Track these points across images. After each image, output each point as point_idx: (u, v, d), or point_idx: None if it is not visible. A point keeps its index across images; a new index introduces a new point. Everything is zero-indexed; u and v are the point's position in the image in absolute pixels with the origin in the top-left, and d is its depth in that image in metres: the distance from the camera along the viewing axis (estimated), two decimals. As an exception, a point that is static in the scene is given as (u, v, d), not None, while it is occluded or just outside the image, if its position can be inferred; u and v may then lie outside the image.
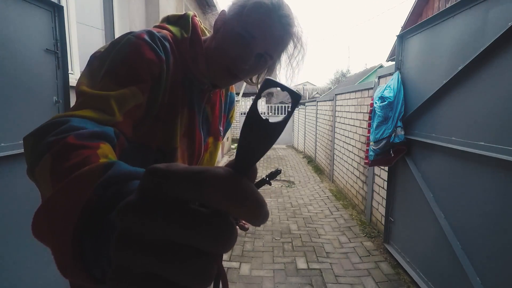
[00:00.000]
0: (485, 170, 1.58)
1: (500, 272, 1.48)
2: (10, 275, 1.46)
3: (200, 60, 0.67)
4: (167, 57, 0.61)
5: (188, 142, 0.72)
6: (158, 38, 0.61)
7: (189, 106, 0.70)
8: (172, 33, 0.66)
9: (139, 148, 0.63)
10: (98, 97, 0.48)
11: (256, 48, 0.63)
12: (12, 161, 1.46)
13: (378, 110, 2.43)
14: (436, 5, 6.17)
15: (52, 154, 0.37)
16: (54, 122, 0.42)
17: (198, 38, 0.67)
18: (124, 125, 0.51)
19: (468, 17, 1.72)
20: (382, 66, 12.30)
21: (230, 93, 0.88)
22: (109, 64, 0.54)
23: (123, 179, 0.30)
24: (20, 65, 1.50)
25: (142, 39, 0.58)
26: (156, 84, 0.60)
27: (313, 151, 7.65)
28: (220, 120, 0.83)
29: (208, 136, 0.79)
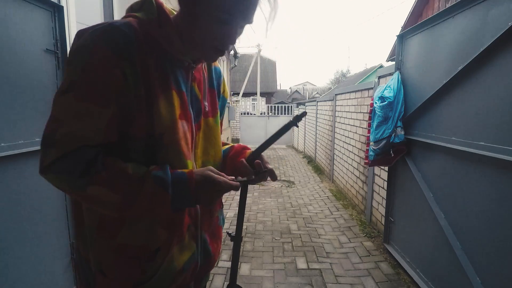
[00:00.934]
0: (485, 170, 1.58)
1: (500, 272, 1.48)
2: (12, 273, 1.46)
3: (174, 39, 0.67)
4: (130, 48, 0.61)
5: (186, 125, 0.71)
6: (116, 31, 0.60)
7: (176, 87, 0.69)
8: (138, 17, 0.66)
9: (132, 139, 0.65)
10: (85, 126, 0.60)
11: (238, 24, 0.65)
12: (12, 161, 1.46)
13: (378, 110, 2.43)
14: (436, 5, 6.17)
15: (104, 186, 0.60)
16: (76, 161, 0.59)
17: (166, 17, 0.66)
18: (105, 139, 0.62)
19: (468, 17, 1.72)
20: (382, 66, 12.30)
21: (214, 67, 0.86)
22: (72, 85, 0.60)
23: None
24: (20, 65, 1.50)
25: (97, 41, 0.59)
26: (128, 83, 0.62)
27: (313, 151, 7.65)
28: (205, 95, 0.80)
29: (200, 115, 0.77)
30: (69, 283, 1.87)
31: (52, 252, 1.74)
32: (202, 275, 0.84)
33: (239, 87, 15.33)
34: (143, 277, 0.69)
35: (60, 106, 0.60)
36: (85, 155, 0.59)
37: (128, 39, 0.61)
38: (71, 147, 0.58)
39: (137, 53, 0.62)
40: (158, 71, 0.66)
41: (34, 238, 1.60)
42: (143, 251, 0.68)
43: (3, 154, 1.39)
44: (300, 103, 12.45)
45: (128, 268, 0.68)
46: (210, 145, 0.80)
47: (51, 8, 1.68)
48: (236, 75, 19.73)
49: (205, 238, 0.80)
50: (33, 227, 1.59)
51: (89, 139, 0.60)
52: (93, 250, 0.69)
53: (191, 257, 0.75)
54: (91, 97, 0.59)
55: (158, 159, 0.66)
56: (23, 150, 1.49)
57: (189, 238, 0.75)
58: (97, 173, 0.59)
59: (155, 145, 0.66)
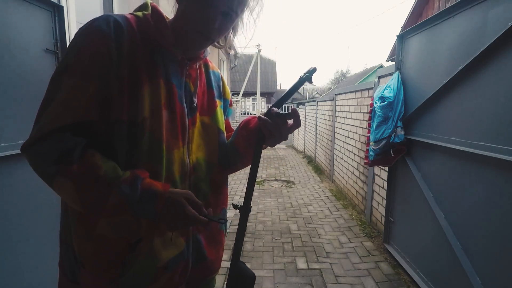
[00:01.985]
0: (485, 170, 1.58)
1: (500, 272, 1.48)
2: (11, 273, 1.46)
3: (166, 33, 0.71)
4: (120, 34, 0.65)
5: (170, 115, 0.71)
6: (110, 19, 0.65)
7: (164, 78, 0.71)
8: (134, 15, 0.72)
9: (114, 124, 0.65)
10: (59, 104, 0.62)
11: (220, 6, 0.66)
12: (12, 161, 1.46)
13: (378, 110, 2.43)
14: (436, 5, 6.17)
15: (71, 179, 0.60)
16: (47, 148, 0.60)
17: (159, 13, 0.72)
18: (87, 115, 0.62)
19: (468, 17, 1.72)
20: (382, 66, 12.30)
21: (213, 71, 0.88)
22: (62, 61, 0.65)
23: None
24: (20, 65, 1.50)
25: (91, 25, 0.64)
26: (112, 61, 0.64)
27: (313, 151, 7.65)
28: (203, 95, 0.82)
29: (195, 111, 0.78)
30: (69, 283, 1.87)
31: (52, 252, 1.74)
32: (198, 281, 0.81)
33: (239, 87, 15.33)
34: (123, 270, 0.67)
35: (52, 86, 0.64)
36: (63, 143, 0.60)
37: (119, 26, 0.66)
38: (53, 125, 0.60)
39: (126, 39, 0.66)
40: (147, 61, 0.68)
41: (34, 238, 1.60)
42: (123, 243, 0.66)
43: (3, 154, 1.39)
44: (300, 103, 12.44)
45: (107, 260, 0.66)
46: (205, 143, 0.80)
47: (51, 8, 1.68)
48: (236, 75, 19.73)
49: (199, 239, 0.77)
50: (33, 227, 1.59)
51: (70, 116, 0.61)
52: (74, 240, 0.68)
53: (178, 255, 0.72)
54: (80, 74, 0.62)
55: (137, 146, 0.66)
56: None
57: (176, 234, 0.72)
58: (69, 164, 0.59)
59: (137, 131, 0.65)
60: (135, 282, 0.68)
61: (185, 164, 0.74)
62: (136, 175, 0.63)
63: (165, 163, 0.69)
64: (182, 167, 0.73)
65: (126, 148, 0.66)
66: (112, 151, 0.65)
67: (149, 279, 0.69)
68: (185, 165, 0.74)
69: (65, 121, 0.60)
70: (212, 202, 0.80)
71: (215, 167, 0.82)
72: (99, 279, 0.68)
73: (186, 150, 0.74)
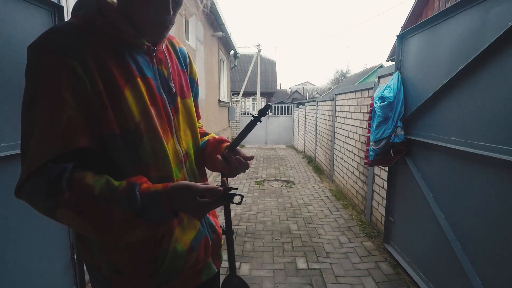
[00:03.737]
0: (485, 170, 1.58)
1: (500, 272, 1.48)
2: (12, 273, 1.46)
3: (121, 24, 0.65)
4: (76, 46, 0.59)
5: (156, 110, 0.69)
6: (58, 33, 0.61)
7: (140, 74, 0.67)
8: (79, 16, 0.65)
9: (108, 138, 0.63)
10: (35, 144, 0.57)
11: None
12: (12, 161, 1.46)
13: (378, 110, 2.43)
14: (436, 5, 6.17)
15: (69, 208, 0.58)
16: (32, 188, 0.58)
17: (107, 5, 0.65)
18: (70, 144, 0.58)
19: (468, 17, 1.72)
20: (382, 66, 12.30)
21: (179, 48, 0.85)
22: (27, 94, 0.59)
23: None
24: (20, 65, 1.50)
25: (41, 48, 0.59)
26: (80, 79, 0.59)
27: (313, 151, 7.65)
28: (180, 77, 0.80)
29: (175, 96, 0.76)
30: (69, 283, 1.87)
31: (52, 252, 1.74)
32: (217, 248, 0.87)
33: (239, 87, 15.33)
34: (157, 264, 0.70)
35: (25, 122, 0.59)
36: (49, 173, 0.56)
37: (71, 38, 0.60)
38: (36, 164, 0.56)
39: (86, 49, 0.60)
40: (117, 62, 0.64)
41: (34, 238, 1.60)
42: (151, 241, 0.69)
43: (3, 154, 1.39)
44: (300, 103, 12.44)
45: (143, 261, 0.70)
46: (189, 126, 0.80)
47: (51, 8, 1.68)
48: (236, 75, 19.72)
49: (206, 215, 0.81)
50: (33, 227, 1.59)
51: (52, 150, 0.57)
52: (105, 255, 0.70)
53: (197, 234, 0.77)
54: (49, 105, 0.57)
55: (139, 151, 0.65)
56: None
57: (189, 218, 0.76)
58: (60, 194, 0.56)
59: (133, 138, 0.64)
60: (171, 270, 0.72)
61: (178, 153, 0.74)
62: (132, 183, 0.61)
63: (163, 157, 0.69)
64: (176, 157, 0.74)
65: (127, 157, 0.65)
66: (114, 165, 0.64)
67: (181, 263, 0.74)
68: (179, 154, 0.75)
69: (45, 157, 0.56)
70: (202, 181, 0.83)
71: (199, 147, 0.84)
72: (138, 281, 0.71)
73: (176, 139, 0.74)
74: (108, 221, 0.58)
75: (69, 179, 0.58)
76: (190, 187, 0.62)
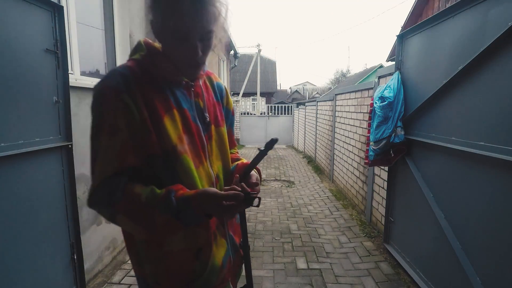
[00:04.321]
0: (485, 170, 1.58)
1: (500, 272, 1.48)
2: (12, 273, 1.46)
3: (164, 66, 0.78)
4: (127, 83, 0.73)
5: (189, 137, 0.80)
6: (115, 74, 0.74)
7: (176, 106, 0.79)
8: (133, 59, 0.80)
9: (152, 158, 0.75)
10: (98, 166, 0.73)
11: (195, 35, 0.72)
12: (12, 161, 1.46)
13: (378, 110, 2.43)
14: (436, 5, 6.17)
15: (124, 213, 0.72)
16: (96, 199, 0.74)
17: (154, 50, 0.79)
18: (123, 163, 0.72)
19: (468, 17, 1.72)
20: (382, 66, 12.30)
21: (216, 83, 0.96)
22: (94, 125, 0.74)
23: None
24: (20, 65, 1.50)
25: (102, 87, 0.73)
26: (130, 109, 0.72)
27: (313, 151, 7.65)
28: (214, 108, 0.90)
29: (209, 125, 0.87)
30: (69, 283, 1.87)
31: (52, 252, 1.74)
32: (237, 268, 0.95)
33: (239, 87, 15.33)
34: (193, 276, 0.79)
35: (92, 148, 0.74)
36: (107, 186, 0.71)
37: (125, 78, 0.74)
38: (98, 180, 0.72)
39: (135, 86, 0.74)
40: (159, 95, 0.77)
41: (34, 238, 1.60)
42: (188, 253, 0.79)
43: (3, 154, 1.39)
44: (300, 103, 12.44)
45: (179, 272, 0.79)
46: (221, 152, 0.91)
47: (51, 8, 1.68)
48: (236, 75, 19.73)
49: (231, 235, 0.90)
50: (33, 227, 1.59)
51: (110, 169, 0.72)
52: (148, 263, 0.80)
53: (226, 253, 0.86)
54: (108, 131, 0.72)
55: (177, 169, 0.77)
56: (23, 150, 1.49)
57: (220, 236, 0.85)
58: (116, 203, 0.70)
59: (172, 158, 0.76)
60: (206, 284, 0.81)
61: (211, 176, 0.84)
62: (169, 190, 0.71)
63: (197, 178, 0.79)
64: (209, 179, 0.84)
65: (168, 175, 0.76)
66: (159, 182, 0.75)
67: (215, 279, 0.83)
68: (211, 177, 0.85)
69: (106, 173, 0.72)
70: None
71: (230, 171, 0.94)
72: (175, 284, 0.80)
73: (208, 163, 0.85)
74: (153, 222, 0.70)
75: (123, 189, 0.71)
76: (216, 192, 0.71)
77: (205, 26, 0.71)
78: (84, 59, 2.36)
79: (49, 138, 1.68)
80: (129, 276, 2.38)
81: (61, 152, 1.79)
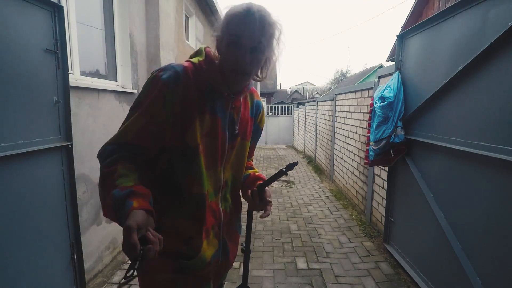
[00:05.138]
0: (485, 170, 1.58)
1: (500, 272, 1.48)
2: (12, 273, 1.46)
3: (215, 75, 0.86)
4: (176, 82, 0.82)
5: (211, 141, 0.88)
6: (170, 69, 0.84)
7: (211, 112, 0.87)
8: (191, 62, 0.88)
9: (171, 148, 0.84)
10: (121, 129, 0.85)
11: (247, 44, 0.79)
12: (12, 161, 1.46)
13: (378, 110, 2.43)
14: (436, 5, 6.17)
15: (100, 175, 0.81)
16: (102, 151, 0.84)
17: (211, 60, 0.87)
18: (136, 140, 0.82)
19: (468, 17, 1.72)
20: (382, 66, 12.30)
21: (256, 101, 1.03)
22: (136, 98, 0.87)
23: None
24: (20, 65, 1.50)
25: (156, 76, 0.84)
26: (167, 103, 0.82)
27: (313, 151, 7.65)
28: (246, 122, 0.98)
29: (237, 136, 0.94)
30: (69, 283, 1.87)
31: (52, 252, 1.74)
32: (222, 273, 1.02)
33: (239, 87, 15.30)
34: (180, 256, 0.88)
35: (128, 114, 0.86)
36: (112, 149, 0.82)
37: (176, 75, 0.83)
38: (111, 141, 0.84)
39: (181, 85, 0.83)
40: (199, 99, 0.85)
41: (34, 238, 1.60)
42: (180, 238, 0.88)
43: (3, 154, 1.39)
44: (300, 103, 12.44)
45: (170, 248, 0.86)
46: (238, 162, 0.98)
47: (51, 8, 1.68)
48: (236, 75, 19.68)
49: (225, 239, 0.97)
50: (33, 227, 1.59)
51: (123, 138, 0.83)
52: None
53: (215, 252, 0.93)
54: (141, 111, 0.83)
55: (193, 165, 0.86)
56: (23, 150, 1.49)
57: (214, 236, 0.93)
58: (105, 164, 0.80)
59: (192, 153, 0.85)
60: (192, 267, 0.90)
61: (219, 180, 0.92)
62: (132, 190, 0.73)
63: (205, 177, 0.88)
64: (216, 183, 0.91)
65: (182, 165, 0.86)
66: (171, 167, 0.86)
67: (201, 268, 0.91)
68: (219, 181, 0.92)
69: (120, 140, 0.83)
70: (233, 210, 1.00)
71: (239, 181, 1.02)
72: (165, 262, 0.89)
73: (222, 168, 0.92)
74: (104, 199, 0.77)
75: (117, 159, 0.80)
76: (145, 220, 0.69)
77: (257, 37, 0.79)
78: (84, 59, 2.36)
79: (49, 138, 1.68)
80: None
81: (61, 152, 1.79)
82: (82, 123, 2.15)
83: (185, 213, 0.88)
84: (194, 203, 0.87)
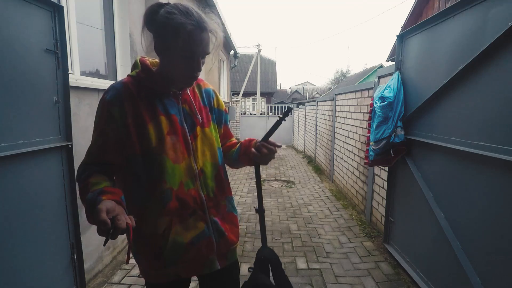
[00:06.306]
0: (485, 170, 1.58)
1: (500, 272, 1.48)
2: (12, 273, 1.46)
3: (156, 79, 0.95)
4: (118, 96, 0.92)
5: (174, 138, 0.96)
6: (112, 89, 0.94)
7: (163, 113, 0.95)
8: (130, 76, 0.98)
9: (132, 157, 0.93)
10: (87, 151, 0.97)
11: (199, 54, 0.90)
12: (12, 161, 1.46)
13: (378, 110, 2.43)
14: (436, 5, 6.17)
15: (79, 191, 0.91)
16: (77, 174, 0.96)
17: (148, 68, 0.96)
18: (101, 158, 0.94)
19: (468, 17, 1.72)
20: (382, 66, 12.29)
21: (205, 89, 1.11)
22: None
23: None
24: (20, 65, 1.50)
25: (102, 98, 0.94)
26: (115, 118, 0.91)
27: (313, 151, 7.65)
28: (201, 111, 1.05)
29: (195, 126, 1.01)
30: (69, 283, 1.87)
31: (52, 252, 1.74)
32: (224, 250, 1.07)
33: (239, 87, 15.33)
34: (161, 249, 0.96)
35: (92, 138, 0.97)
36: (83, 169, 0.93)
37: (117, 92, 0.92)
38: (82, 162, 0.96)
39: (126, 99, 0.92)
40: (147, 105, 0.94)
41: (34, 238, 1.60)
42: (156, 234, 0.96)
43: (3, 154, 1.39)
44: (300, 103, 12.44)
45: (150, 245, 0.97)
46: (208, 149, 1.04)
47: (51, 8, 1.68)
48: (236, 75, 19.71)
49: (215, 221, 1.03)
50: (33, 228, 1.59)
51: (90, 159, 0.94)
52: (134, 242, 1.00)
53: (199, 234, 0.99)
54: (98, 132, 0.93)
55: (154, 168, 0.93)
56: (23, 150, 1.49)
57: (195, 220, 0.99)
58: (80, 180, 0.91)
59: (150, 157, 0.92)
60: (174, 254, 0.97)
61: (193, 169, 0.98)
62: (102, 190, 0.84)
63: (169, 173, 0.94)
64: (189, 172, 0.97)
65: (145, 170, 0.93)
66: (137, 177, 0.94)
67: (182, 251, 0.97)
68: (193, 170, 0.98)
69: (88, 160, 0.95)
70: (217, 194, 1.05)
71: (217, 165, 1.06)
72: (148, 257, 0.99)
73: (192, 159, 0.99)
74: (84, 205, 0.85)
75: (88, 175, 0.90)
76: (115, 206, 0.78)
77: (206, 46, 0.90)
78: (84, 59, 2.36)
79: (49, 138, 1.68)
80: (129, 276, 2.38)
81: (61, 152, 1.79)
82: (82, 123, 2.15)
83: (156, 212, 0.95)
84: (161, 199, 0.93)
